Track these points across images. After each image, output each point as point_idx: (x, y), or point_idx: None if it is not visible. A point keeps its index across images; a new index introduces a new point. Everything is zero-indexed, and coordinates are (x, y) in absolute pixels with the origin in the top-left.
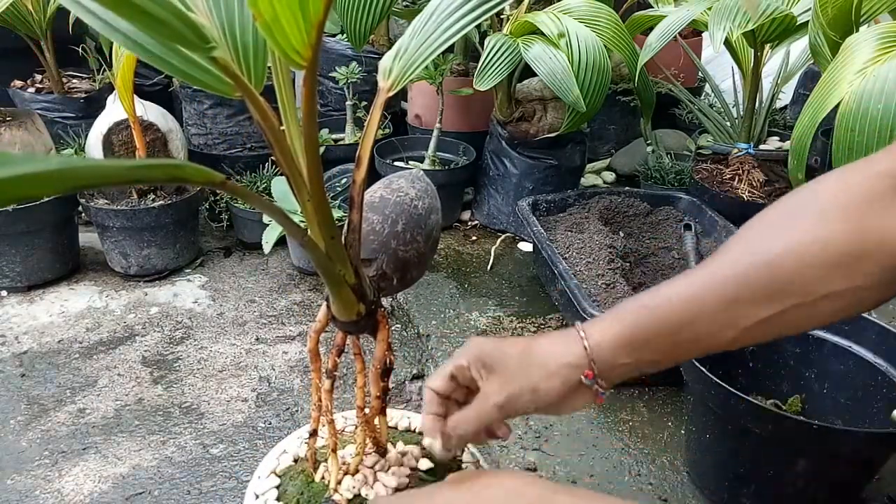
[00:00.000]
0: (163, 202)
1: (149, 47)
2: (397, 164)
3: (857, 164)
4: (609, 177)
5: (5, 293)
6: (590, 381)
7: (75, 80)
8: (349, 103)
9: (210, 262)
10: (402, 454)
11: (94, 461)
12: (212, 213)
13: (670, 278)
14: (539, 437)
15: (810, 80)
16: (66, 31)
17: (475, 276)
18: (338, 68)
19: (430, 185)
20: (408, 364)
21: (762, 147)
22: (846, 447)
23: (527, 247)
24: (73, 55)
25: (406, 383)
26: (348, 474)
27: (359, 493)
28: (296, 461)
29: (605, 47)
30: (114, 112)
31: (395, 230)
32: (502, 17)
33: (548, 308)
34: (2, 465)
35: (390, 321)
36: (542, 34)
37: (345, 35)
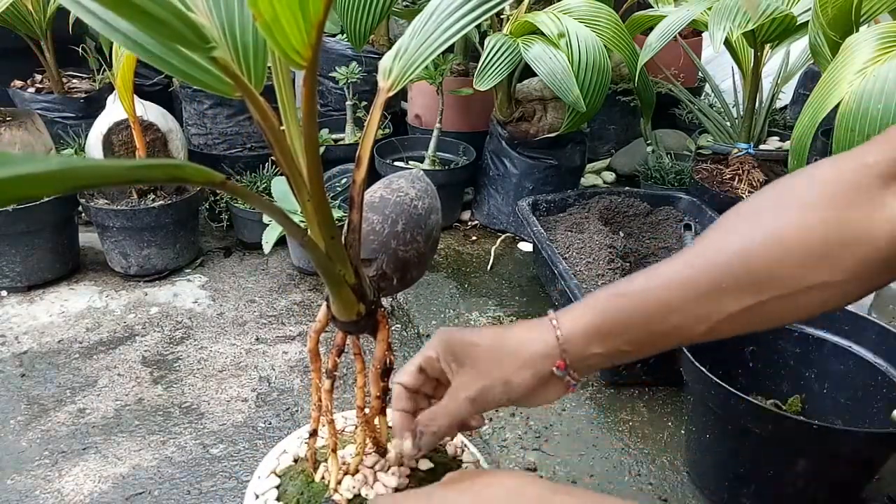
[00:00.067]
0: (163, 202)
1: (149, 47)
2: (397, 164)
3: (849, 154)
4: (609, 177)
5: (5, 293)
6: (561, 372)
7: (75, 80)
8: (349, 103)
9: (210, 262)
10: (402, 454)
11: (94, 461)
12: (212, 213)
13: (648, 266)
14: (539, 437)
15: (810, 80)
16: (66, 31)
17: (475, 276)
18: (338, 68)
19: (430, 185)
20: None
21: (762, 147)
22: (846, 447)
23: (527, 247)
24: (73, 55)
25: None
26: (348, 474)
27: (359, 493)
28: (296, 461)
29: (605, 47)
30: (114, 112)
31: (395, 230)
32: (502, 17)
33: (548, 308)
34: (2, 465)
35: (390, 321)
36: (542, 34)
37: (345, 35)
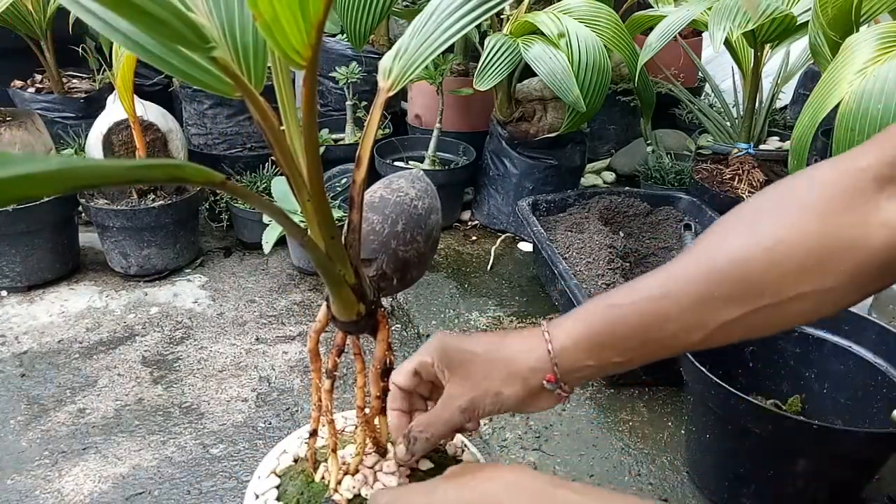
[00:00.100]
0: (163, 202)
1: (149, 47)
2: (397, 164)
3: (847, 156)
4: (609, 177)
5: (5, 293)
6: (551, 385)
7: (75, 80)
8: (349, 103)
9: (210, 262)
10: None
11: (94, 461)
12: (212, 213)
13: (641, 274)
14: (539, 437)
15: (810, 80)
16: (66, 31)
17: (475, 276)
18: (338, 68)
19: (430, 185)
20: None
21: (762, 147)
22: (846, 447)
23: (527, 247)
24: (73, 55)
25: None
26: (348, 474)
27: (359, 493)
28: (296, 461)
29: (605, 47)
30: (114, 112)
31: (395, 230)
32: (502, 17)
33: (548, 308)
34: (2, 465)
35: (390, 321)
36: (542, 34)
37: (345, 35)
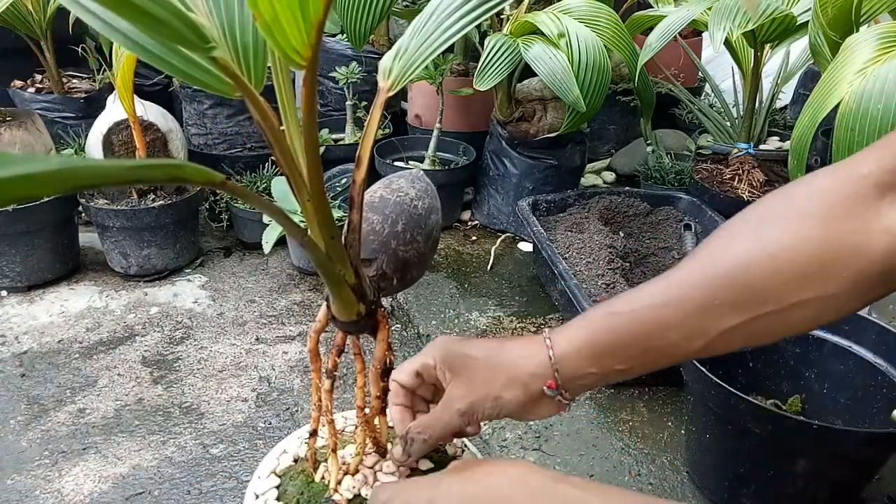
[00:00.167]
0: (163, 202)
1: (149, 47)
2: (397, 164)
3: (847, 163)
4: (609, 177)
5: (5, 293)
6: (552, 391)
7: (75, 80)
8: (349, 103)
9: (210, 262)
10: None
11: (94, 461)
12: (212, 213)
13: (643, 283)
14: (539, 437)
15: (810, 80)
16: (66, 31)
17: (475, 276)
18: (338, 68)
19: (430, 185)
20: None
21: (762, 147)
22: (846, 447)
23: (527, 247)
24: (73, 55)
25: None
26: (348, 474)
27: (359, 493)
28: (296, 461)
29: (605, 47)
30: (114, 112)
31: (395, 230)
32: (502, 17)
33: (548, 308)
34: (2, 465)
35: (390, 321)
36: (542, 34)
37: (345, 35)
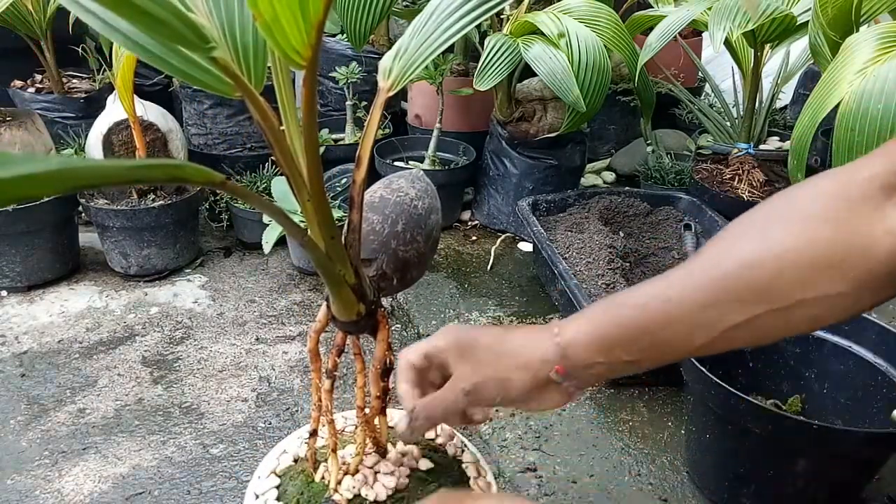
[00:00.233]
0: (163, 202)
1: (149, 47)
2: (397, 164)
3: (852, 166)
4: (609, 177)
5: (5, 293)
6: (560, 376)
7: (75, 80)
8: (349, 103)
9: (210, 262)
10: (402, 454)
11: (94, 461)
12: (212, 213)
13: (651, 278)
14: (539, 437)
15: (810, 80)
16: (66, 31)
17: (475, 276)
18: (338, 68)
19: (430, 185)
20: None
21: (762, 147)
22: (846, 447)
23: (527, 247)
24: (73, 55)
25: None
26: (348, 474)
27: (359, 493)
28: (296, 461)
29: (605, 47)
30: (114, 112)
31: (395, 230)
32: (502, 17)
33: (548, 308)
34: (2, 465)
35: (390, 321)
36: (542, 34)
37: (345, 35)
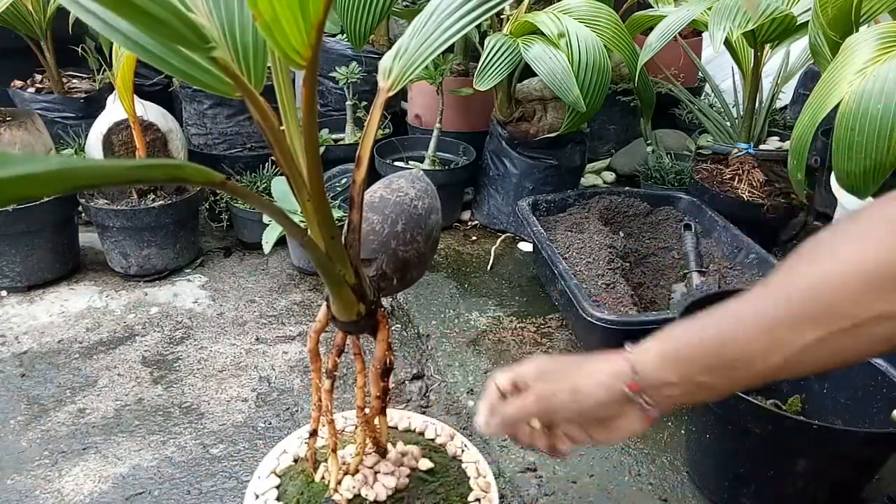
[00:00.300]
0: (163, 202)
1: (149, 47)
2: (397, 164)
3: None
4: (609, 177)
5: (5, 293)
6: (633, 392)
7: (75, 80)
8: (349, 103)
9: (210, 262)
10: (402, 454)
11: (94, 461)
12: (212, 213)
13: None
14: None
15: (810, 80)
16: (66, 31)
17: (475, 276)
18: (338, 68)
19: (430, 185)
20: (408, 364)
21: (762, 147)
22: (846, 447)
23: (527, 247)
24: (73, 55)
25: (406, 383)
26: (348, 474)
27: (359, 493)
28: (296, 461)
29: (605, 47)
30: (114, 112)
31: (395, 230)
32: (502, 17)
33: (548, 308)
34: (2, 465)
35: (390, 321)
36: (542, 34)
37: (345, 35)
